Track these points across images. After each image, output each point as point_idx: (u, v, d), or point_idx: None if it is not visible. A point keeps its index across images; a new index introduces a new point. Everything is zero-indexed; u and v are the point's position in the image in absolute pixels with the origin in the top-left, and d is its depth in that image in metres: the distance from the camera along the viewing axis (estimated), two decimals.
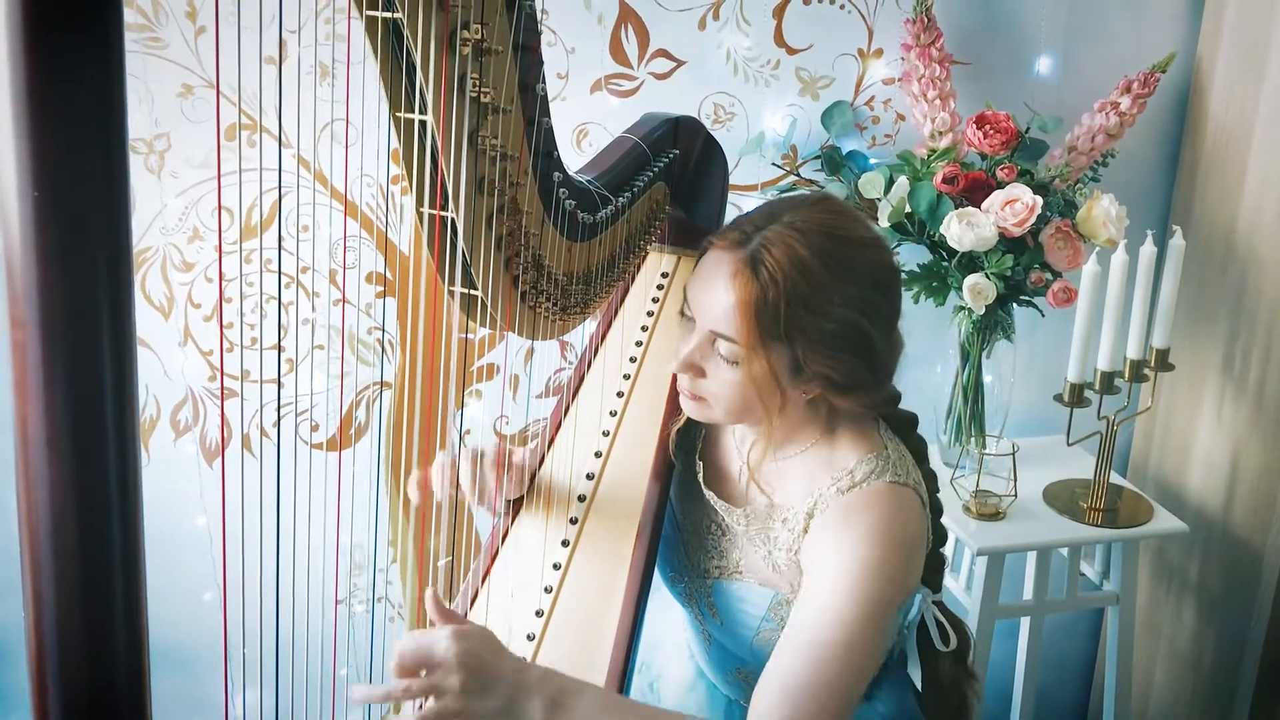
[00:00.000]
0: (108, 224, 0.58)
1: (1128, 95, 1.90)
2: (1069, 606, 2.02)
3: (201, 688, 1.99)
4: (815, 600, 1.15)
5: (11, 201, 0.55)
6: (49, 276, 0.56)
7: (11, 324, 0.57)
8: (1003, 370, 2.00)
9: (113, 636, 0.65)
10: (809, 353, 1.14)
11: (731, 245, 1.16)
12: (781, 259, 1.12)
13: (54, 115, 0.55)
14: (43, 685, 0.64)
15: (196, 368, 1.85)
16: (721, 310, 1.15)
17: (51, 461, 0.59)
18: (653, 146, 1.37)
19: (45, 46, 0.54)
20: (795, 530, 1.23)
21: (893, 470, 1.21)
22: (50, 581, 0.62)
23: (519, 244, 1.12)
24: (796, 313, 1.12)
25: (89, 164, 0.56)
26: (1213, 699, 2.19)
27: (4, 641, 1.92)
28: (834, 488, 1.21)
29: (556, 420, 1.42)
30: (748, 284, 1.13)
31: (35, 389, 0.58)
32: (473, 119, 1.00)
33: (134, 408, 0.61)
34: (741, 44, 1.88)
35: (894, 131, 1.98)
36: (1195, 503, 2.15)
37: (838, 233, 1.16)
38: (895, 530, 1.17)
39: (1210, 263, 2.07)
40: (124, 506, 0.63)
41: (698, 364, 1.20)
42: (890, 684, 1.35)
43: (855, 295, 1.15)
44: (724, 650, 1.36)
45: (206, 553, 1.92)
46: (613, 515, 1.31)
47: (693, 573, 1.35)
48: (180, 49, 1.70)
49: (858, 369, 1.17)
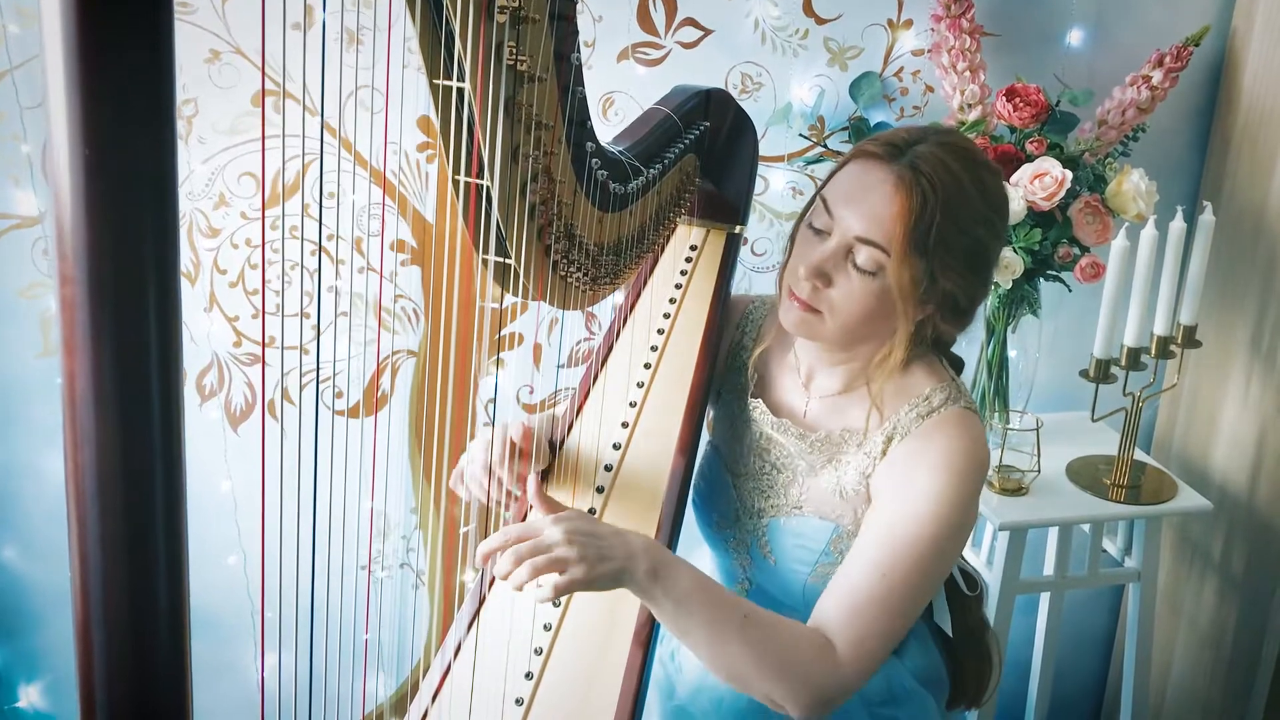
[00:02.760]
0: (155, 183, 0.57)
1: (1160, 69, 1.88)
2: (1090, 583, 2.02)
3: (224, 652, 2.01)
4: (894, 522, 1.19)
5: (63, 160, 0.55)
6: (98, 234, 0.56)
7: (60, 281, 0.57)
8: (1028, 345, 1.99)
9: (156, 595, 0.65)
10: (945, 268, 1.19)
11: (886, 156, 1.19)
12: (940, 171, 1.17)
13: (105, 75, 0.54)
14: (87, 643, 0.64)
15: (222, 333, 1.86)
16: (875, 217, 1.18)
17: (99, 419, 0.59)
18: (684, 118, 1.36)
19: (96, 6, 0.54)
20: (873, 454, 1.26)
21: (965, 398, 1.27)
22: (95, 541, 0.62)
23: (552, 213, 1.12)
24: (946, 225, 1.17)
25: (139, 123, 0.56)
26: (1232, 677, 2.19)
27: (34, 604, 1.94)
28: (913, 413, 1.25)
29: (584, 391, 1.42)
30: (909, 193, 1.16)
31: (83, 345, 0.58)
32: (509, 87, 0.99)
33: (178, 366, 0.61)
34: (770, 13, 1.86)
35: (923, 103, 1.97)
36: (1219, 480, 2.15)
37: (978, 157, 1.23)
38: (972, 457, 1.22)
39: (1240, 239, 2.05)
40: (168, 464, 0.63)
41: (829, 272, 1.21)
42: (918, 640, 1.37)
43: (988, 216, 1.21)
44: (766, 598, 1.37)
45: (231, 518, 1.94)
46: (639, 485, 1.31)
47: (745, 515, 1.36)
48: (208, 14, 1.70)
49: (977, 290, 1.23)
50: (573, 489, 1.32)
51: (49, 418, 1.84)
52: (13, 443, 1.85)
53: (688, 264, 1.51)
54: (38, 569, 1.92)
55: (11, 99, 1.69)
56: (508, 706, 1.16)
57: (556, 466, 1.35)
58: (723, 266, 1.49)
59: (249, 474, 1.92)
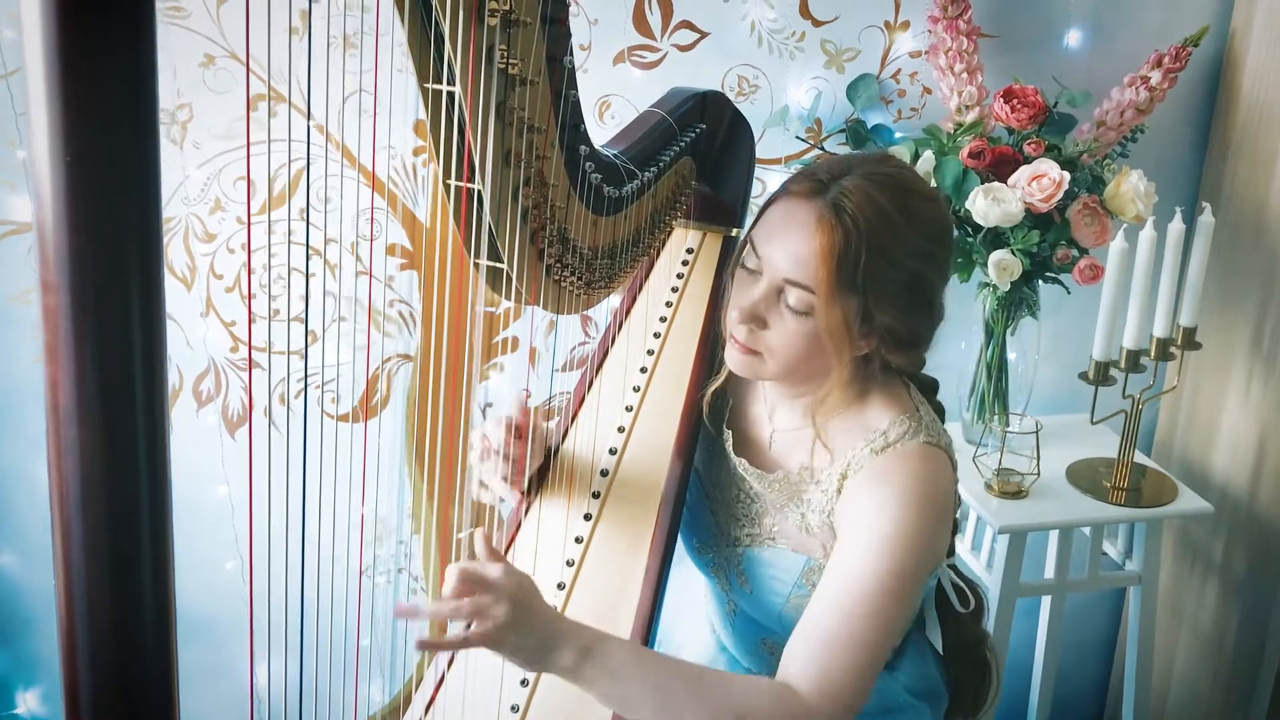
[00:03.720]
0: (139, 190, 0.57)
1: (1158, 70, 1.87)
2: (1091, 586, 2.01)
3: (221, 656, 2.00)
4: (850, 558, 1.17)
5: (44, 167, 0.55)
6: (80, 242, 0.56)
7: (43, 289, 0.57)
8: (1027, 347, 1.98)
9: (141, 604, 0.65)
10: (880, 303, 1.16)
11: (808, 194, 1.17)
12: (865, 206, 1.14)
13: (86, 81, 0.54)
14: (72, 651, 0.64)
15: (219, 339, 1.85)
16: (798, 258, 1.16)
17: (82, 427, 0.59)
18: (679, 121, 1.36)
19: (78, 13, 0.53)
20: (829, 491, 1.24)
21: (925, 431, 1.22)
22: (80, 550, 0.62)
23: (544, 217, 1.12)
24: (874, 261, 1.14)
25: (121, 130, 0.56)
26: (1235, 680, 2.18)
27: (31, 610, 1.94)
28: (867, 448, 1.22)
29: (580, 394, 1.41)
30: (830, 231, 1.13)
31: (66, 354, 0.58)
32: (500, 90, 0.99)
33: (163, 375, 0.61)
34: (766, 15, 1.86)
35: (920, 105, 1.96)
36: (1220, 483, 2.14)
37: (910, 185, 1.19)
38: (928, 489, 1.19)
39: (1240, 241, 2.05)
40: (153, 473, 0.63)
41: (762, 315, 1.20)
42: (912, 654, 1.36)
43: (923, 248, 1.17)
44: (750, 621, 1.36)
45: (228, 522, 1.93)
46: (636, 490, 1.30)
47: (723, 542, 1.35)
48: (202, 19, 1.69)
49: (920, 323, 1.20)
50: (569, 494, 1.31)
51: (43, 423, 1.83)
52: (7, 448, 1.85)
53: (684, 267, 1.50)
54: (34, 574, 1.92)
55: (7, 104, 1.69)
56: (504, 713, 1.15)
57: (552, 471, 1.34)
58: (720, 269, 1.48)
59: (246, 479, 1.91)
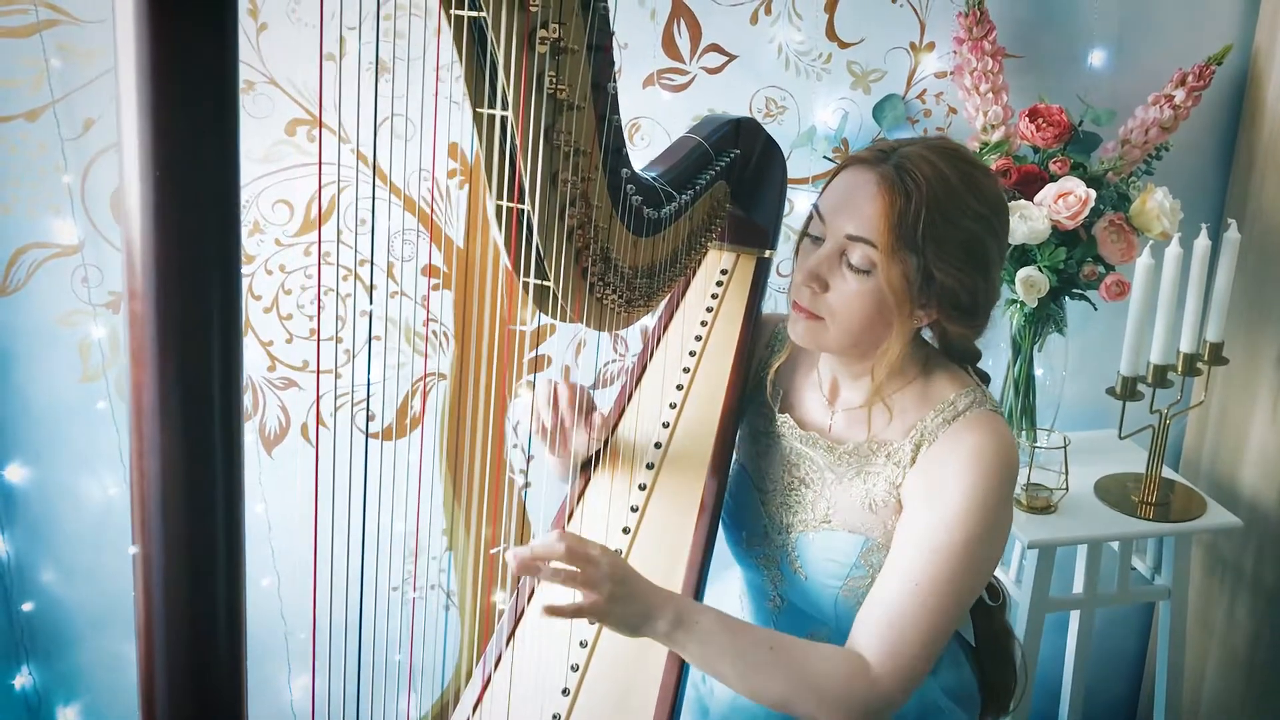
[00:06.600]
0: (220, 201, 0.60)
1: (1182, 88, 1.89)
2: (1120, 601, 2.02)
3: (257, 673, 2.03)
4: (923, 529, 1.21)
5: (134, 181, 0.58)
6: (166, 252, 0.59)
7: (128, 296, 0.60)
8: (1054, 363, 2.00)
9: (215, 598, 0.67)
10: (939, 260, 1.20)
11: (872, 162, 1.23)
12: (926, 170, 1.19)
13: (176, 101, 0.57)
14: (149, 643, 0.66)
15: (256, 358, 1.89)
16: (862, 215, 1.21)
17: (164, 430, 0.62)
18: (715, 146, 1.39)
19: (168, 34, 0.56)
20: (901, 463, 1.27)
21: (990, 401, 1.28)
22: (158, 546, 0.65)
23: (589, 237, 1.14)
24: (933, 219, 1.19)
25: (206, 148, 0.59)
26: (1265, 697, 2.18)
27: (73, 627, 1.97)
28: (939, 418, 1.26)
29: (619, 410, 1.43)
30: (892, 190, 1.19)
31: (150, 358, 0.60)
32: (549, 115, 1.02)
33: (239, 378, 0.64)
34: (793, 38, 1.89)
35: (946, 125, 1.99)
36: (1249, 497, 2.14)
37: (969, 158, 1.25)
38: (1004, 456, 1.23)
39: (1266, 256, 2.06)
40: (228, 472, 0.65)
41: (824, 275, 1.24)
42: (950, 657, 1.37)
43: (981, 211, 1.22)
44: (797, 615, 1.38)
45: (265, 539, 1.96)
46: (672, 506, 1.32)
47: (774, 531, 1.37)
48: (242, 45, 1.74)
49: (977, 286, 1.23)
50: (607, 508, 1.33)
51: (87, 442, 1.87)
52: (52, 466, 1.88)
53: (719, 287, 1.53)
54: (75, 591, 1.95)
55: (53, 131, 1.73)
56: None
57: (590, 485, 1.36)
58: (753, 289, 1.51)
59: (283, 497, 1.94)
